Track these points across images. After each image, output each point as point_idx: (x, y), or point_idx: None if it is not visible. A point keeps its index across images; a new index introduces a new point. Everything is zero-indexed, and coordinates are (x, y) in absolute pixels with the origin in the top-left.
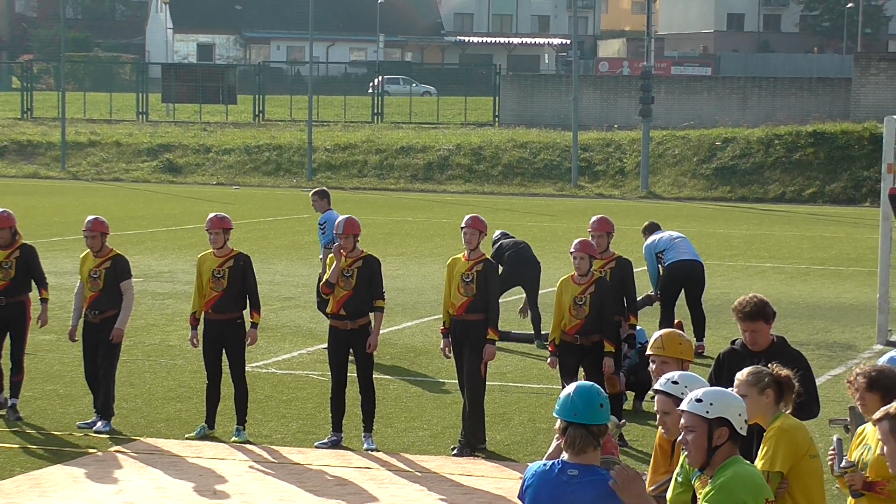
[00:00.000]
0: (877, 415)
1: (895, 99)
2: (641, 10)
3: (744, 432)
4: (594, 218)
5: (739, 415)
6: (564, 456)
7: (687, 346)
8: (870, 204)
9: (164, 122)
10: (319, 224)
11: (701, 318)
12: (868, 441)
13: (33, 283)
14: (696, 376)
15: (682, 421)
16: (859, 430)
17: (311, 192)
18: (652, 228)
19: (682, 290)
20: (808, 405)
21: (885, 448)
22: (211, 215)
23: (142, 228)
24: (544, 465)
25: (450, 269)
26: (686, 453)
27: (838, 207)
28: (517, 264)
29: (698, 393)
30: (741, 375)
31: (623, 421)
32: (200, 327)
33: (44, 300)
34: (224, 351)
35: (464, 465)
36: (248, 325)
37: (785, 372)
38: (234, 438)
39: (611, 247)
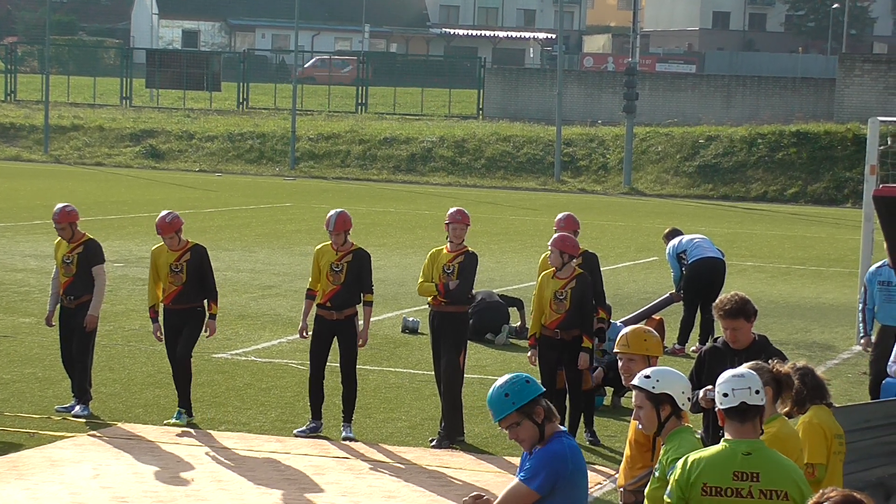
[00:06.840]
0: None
1: (878, 100)
2: (627, 6)
3: (686, 409)
4: (560, 215)
5: (682, 392)
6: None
7: (653, 342)
8: (851, 205)
9: (148, 108)
10: None
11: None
12: None
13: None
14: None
15: (634, 397)
16: None
17: None
18: (673, 234)
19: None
20: None
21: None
22: (162, 214)
23: (123, 213)
24: None
25: (431, 259)
26: (640, 425)
27: (820, 208)
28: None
29: (648, 371)
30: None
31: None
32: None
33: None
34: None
35: (442, 457)
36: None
37: (785, 369)
38: (172, 420)
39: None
